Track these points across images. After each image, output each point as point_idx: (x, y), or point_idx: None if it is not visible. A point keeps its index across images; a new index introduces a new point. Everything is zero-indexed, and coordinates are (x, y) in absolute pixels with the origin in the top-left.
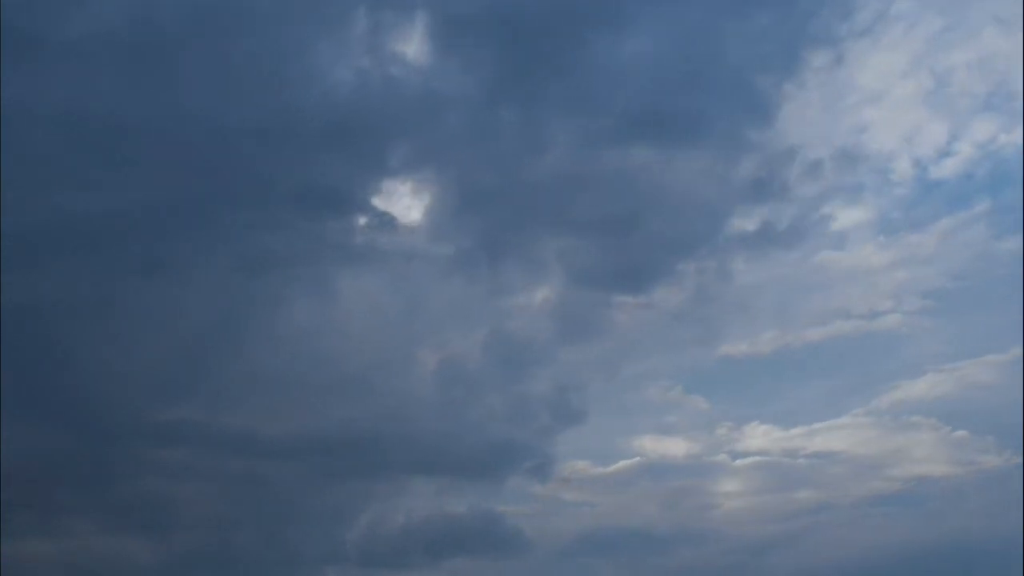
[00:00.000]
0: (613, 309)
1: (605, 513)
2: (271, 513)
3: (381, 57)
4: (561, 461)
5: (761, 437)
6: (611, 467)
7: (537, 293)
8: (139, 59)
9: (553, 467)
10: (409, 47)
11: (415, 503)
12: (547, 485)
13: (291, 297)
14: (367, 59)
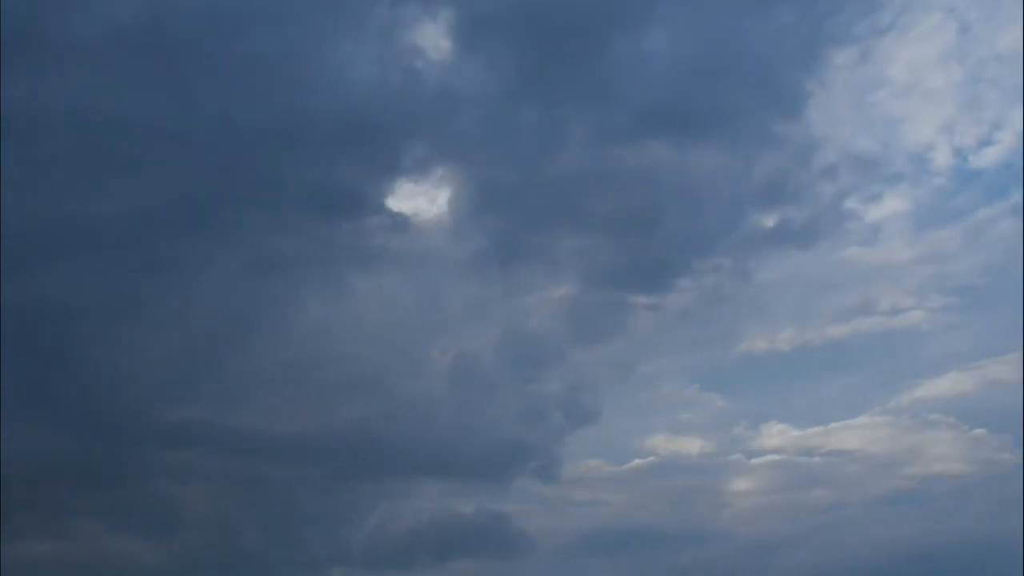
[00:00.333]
0: (629, 307)
1: (615, 512)
2: (277, 514)
3: (399, 55)
4: (573, 461)
5: (777, 436)
6: (624, 466)
7: (552, 292)
8: (151, 60)
9: (564, 467)
10: (429, 44)
11: (422, 504)
12: (557, 485)
13: (302, 298)
14: (385, 57)
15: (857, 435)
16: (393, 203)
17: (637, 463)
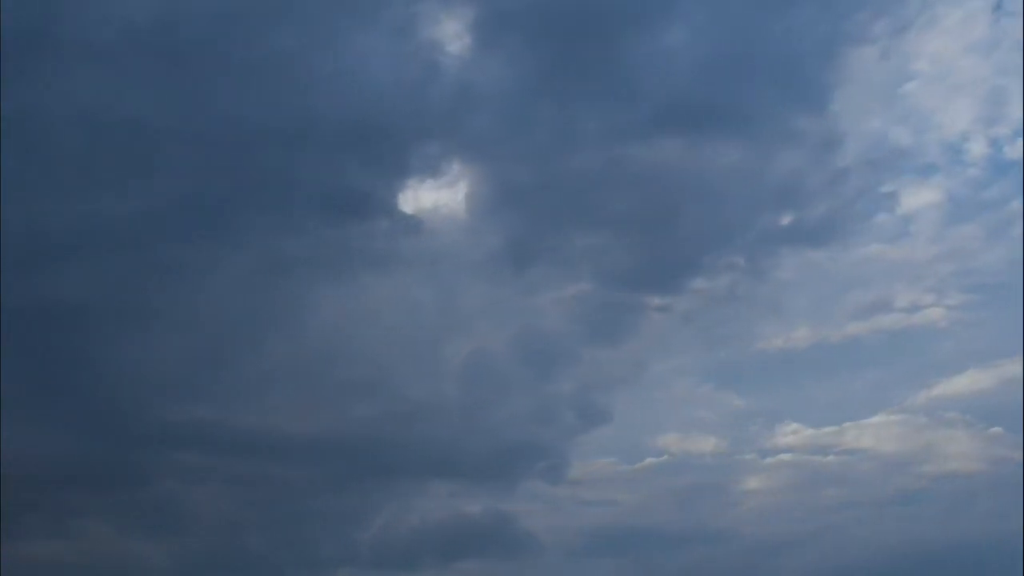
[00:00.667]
0: (645, 306)
1: (624, 512)
2: (284, 514)
3: (417, 51)
4: (584, 460)
5: (792, 434)
6: (636, 465)
7: (566, 291)
8: (162, 61)
9: (574, 467)
10: (448, 40)
11: (430, 504)
12: (566, 485)
13: (311, 299)
14: (402, 54)
15: (872, 434)
16: (406, 202)
17: (649, 462)
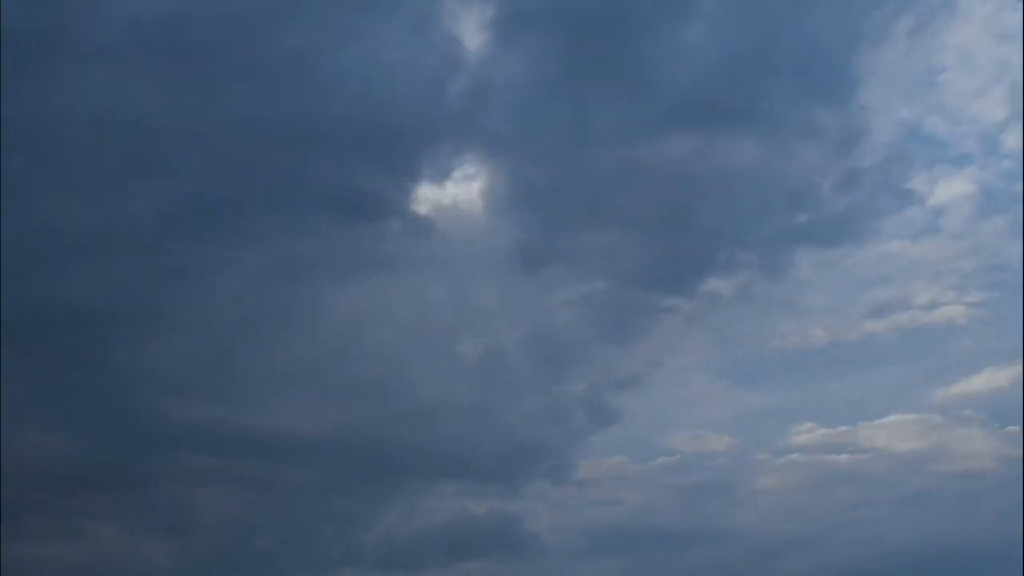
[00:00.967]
0: (660, 304)
1: (632, 512)
2: (291, 515)
3: (434, 48)
4: (596, 459)
5: (806, 433)
6: (648, 464)
7: (579, 290)
8: (173, 61)
9: (585, 466)
10: (467, 36)
11: (436, 504)
12: (576, 485)
13: (322, 300)
14: (419, 51)
15: (887, 432)
16: (418, 203)
17: (661, 461)
